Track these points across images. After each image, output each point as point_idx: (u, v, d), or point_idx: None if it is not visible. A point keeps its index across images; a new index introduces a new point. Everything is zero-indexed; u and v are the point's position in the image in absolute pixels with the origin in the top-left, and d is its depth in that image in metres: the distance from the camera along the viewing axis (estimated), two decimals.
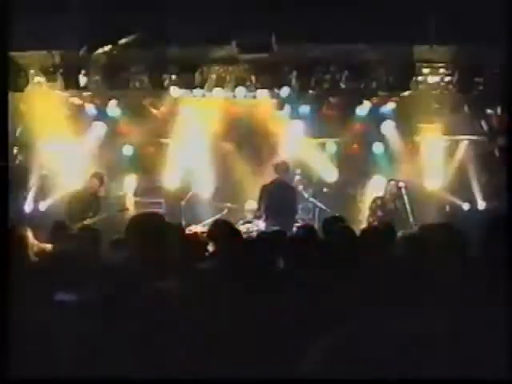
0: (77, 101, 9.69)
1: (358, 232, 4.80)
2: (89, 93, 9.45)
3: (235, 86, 9.31)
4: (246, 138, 10.33)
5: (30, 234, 4.50)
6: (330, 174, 10.05)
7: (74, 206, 8.51)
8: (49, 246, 4.79)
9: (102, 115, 9.99)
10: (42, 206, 9.88)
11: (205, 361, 2.67)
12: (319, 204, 9.30)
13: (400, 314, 2.73)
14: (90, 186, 8.75)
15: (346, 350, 2.52)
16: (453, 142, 10.13)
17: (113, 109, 9.92)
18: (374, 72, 8.89)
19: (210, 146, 10.20)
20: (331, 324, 2.42)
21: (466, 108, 9.40)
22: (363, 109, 9.74)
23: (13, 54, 7.47)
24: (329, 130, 10.06)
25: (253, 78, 9.16)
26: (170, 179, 10.06)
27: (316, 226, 7.32)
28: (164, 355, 2.65)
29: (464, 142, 10.06)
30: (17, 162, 9.71)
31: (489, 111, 9.39)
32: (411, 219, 8.47)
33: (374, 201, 9.28)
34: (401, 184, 8.97)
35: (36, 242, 4.66)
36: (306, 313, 2.92)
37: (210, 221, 8.93)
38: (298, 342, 2.66)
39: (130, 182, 10.29)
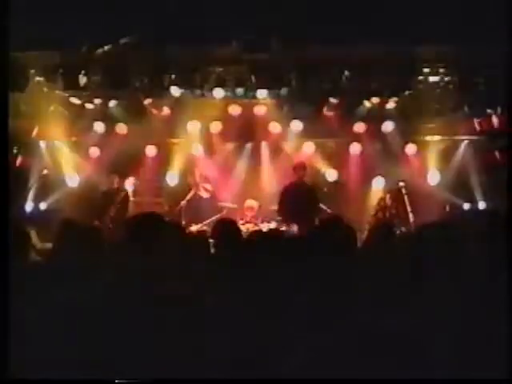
0: (77, 101, 9.69)
1: (357, 232, 4.79)
2: (89, 93, 9.45)
3: (235, 86, 9.32)
4: (246, 138, 10.32)
5: (30, 234, 4.49)
6: (330, 174, 10.04)
7: (99, 203, 8.60)
8: (50, 245, 4.78)
9: (102, 115, 9.98)
10: (43, 205, 9.88)
11: (204, 361, 2.67)
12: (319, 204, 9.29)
13: (399, 313, 2.73)
14: (112, 183, 8.87)
15: (346, 349, 2.52)
16: (453, 141, 10.12)
17: (113, 109, 9.91)
18: (374, 72, 8.89)
19: (210, 146, 10.21)
20: (331, 324, 2.42)
21: (465, 108, 9.39)
22: (363, 109, 9.73)
23: (13, 54, 7.46)
24: (329, 130, 10.05)
25: (253, 78, 9.16)
26: (170, 179, 10.05)
27: None
28: (164, 356, 2.65)
29: (464, 142, 10.05)
30: (17, 162, 9.70)
31: (489, 111, 9.38)
32: (411, 219, 8.46)
33: (374, 201, 9.29)
34: (401, 184, 8.97)
35: (37, 242, 4.66)
36: (305, 312, 2.91)
37: (210, 221, 8.94)
38: (298, 342, 2.66)
39: (129, 182, 10.28)
